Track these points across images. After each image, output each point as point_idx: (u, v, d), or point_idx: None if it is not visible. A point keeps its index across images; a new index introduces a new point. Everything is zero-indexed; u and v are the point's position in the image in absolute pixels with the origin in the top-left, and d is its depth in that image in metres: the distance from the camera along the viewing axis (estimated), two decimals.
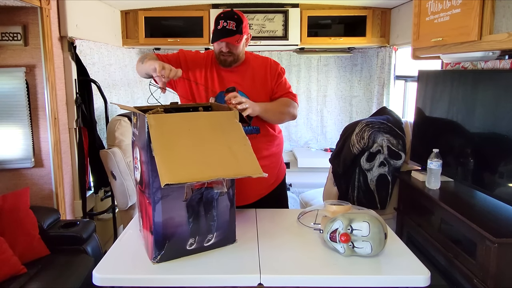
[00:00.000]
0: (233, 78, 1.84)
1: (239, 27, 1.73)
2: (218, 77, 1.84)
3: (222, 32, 1.71)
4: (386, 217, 2.55)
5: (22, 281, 1.79)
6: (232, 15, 1.73)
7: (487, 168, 1.87)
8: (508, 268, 1.54)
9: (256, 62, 1.90)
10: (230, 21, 1.71)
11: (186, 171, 1.20)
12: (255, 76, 1.86)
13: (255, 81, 1.85)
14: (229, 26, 1.71)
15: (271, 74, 1.88)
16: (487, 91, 1.88)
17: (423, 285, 1.26)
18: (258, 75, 1.87)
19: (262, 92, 1.86)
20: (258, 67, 1.88)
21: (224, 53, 1.76)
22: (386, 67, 3.45)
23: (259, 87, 1.85)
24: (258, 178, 1.81)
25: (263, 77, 1.87)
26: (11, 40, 2.22)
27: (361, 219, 1.35)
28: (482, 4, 1.71)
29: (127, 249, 1.46)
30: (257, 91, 1.84)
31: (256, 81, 1.86)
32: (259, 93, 1.84)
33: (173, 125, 1.30)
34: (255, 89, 1.84)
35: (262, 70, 1.88)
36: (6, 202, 1.98)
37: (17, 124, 2.25)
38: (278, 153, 1.99)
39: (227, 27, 1.71)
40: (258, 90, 1.84)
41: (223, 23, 1.71)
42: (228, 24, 1.71)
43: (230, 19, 1.72)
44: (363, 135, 2.39)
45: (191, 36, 3.47)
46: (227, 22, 1.71)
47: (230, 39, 1.72)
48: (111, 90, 3.21)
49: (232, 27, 1.71)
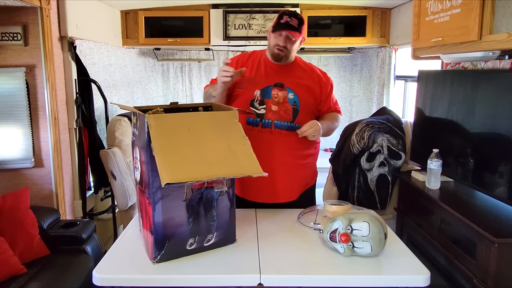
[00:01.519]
0: (281, 75, 1.88)
1: (300, 26, 1.79)
2: (266, 71, 1.89)
3: (286, 25, 1.77)
4: (386, 217, 2.55)
5: (22, 281, 1.79)
6: (296, 15, 1.80)
7: (487, 168, 1.87)
8: (508, 268, 1.54)
9: (307, 67, 1.96)
10: (294, 18, 1.77)
11: (186, 170, 1.20)
12: (304, 79, 1.91)
13: (304, 84, 1.89)
14: (292, 23, 1.77)
15: (323, 85, 1.94)
16: (487, 91, 1.88)
17: (423, 285, 1.26)
18: (308, 80, 1.91)
19: (310, 95, 1.90)
20: (308, 72, 1.94)
21: (280, 46, 1.81)
22: (386, 67, 3.45)
23: (309, 92, 1.89)
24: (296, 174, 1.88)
25: (313, 81, 1.92)
26: (11, 40, 2.22)
27: (361, 219, 1.35)
28: (482, 4, 1.71)
29: (127, 249, 1.46)
30: (307, 95, 1.88)
31: (305, 85, 1.89)
32: (306, 94, 1.88)
33: (173, 125, 1.30)
34: (305, 92, 1.88)
35: (313, 77, 1.93)
36: (6, 202, 1.98)
37: (17, 124, 2.25)
38: (315, 155, 2.01)
39: (291, 23, 1.77)
40: (307, 94, 1.88)
41: (287, 18, 1.77)
42: (292, 20, 1.77)
43: (294, 17, 1.78)
44: (363, 135, 2.39)
45: (191, 36, 3.47)
46: (291, 18, 1.77)
47: (291, 33, 1.78)
48: (111, 90, 3.21)
49: (295, 24, 1.77)
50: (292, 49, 1.84)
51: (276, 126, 1.83)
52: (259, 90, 1.84)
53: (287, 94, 1.85)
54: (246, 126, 1.81)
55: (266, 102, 1.83)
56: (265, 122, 1.83)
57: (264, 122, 1.83)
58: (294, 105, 1.85)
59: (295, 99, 1.85)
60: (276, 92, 1.84)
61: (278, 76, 1.88)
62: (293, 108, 1.84)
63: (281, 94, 1.84)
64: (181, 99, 4.12)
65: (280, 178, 1.84)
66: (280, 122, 1.83)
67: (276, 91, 1.84)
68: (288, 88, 1.85)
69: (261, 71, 1.90)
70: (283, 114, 1.83)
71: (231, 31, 3.42)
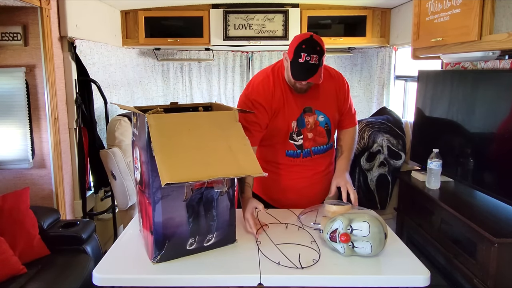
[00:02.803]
0: (307, 98, 1.75)
1: (321, 60, 1.58)
2: (294, 100, 1.74)
3: (306, 70, 1.57)
4: (386, 217, 2.55)
5: (22, 281, 1.78)
6: (314, 47, 1.56)
7: (487, 168, 1.87)
8: (508, 268, 1.54)
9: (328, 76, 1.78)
10: (313, 55, 1.55)
11: (186, 170, 1.20)
12: (325, 90, 1.79)
13: (327, 96, 1.80)
14: (312, 61, 1.56)
15: (339, 89, 1.82)
16: (487, 91, 1.88)
17: (423, 285, 1.26)
18: (328, 88, 1.80)
19: (334, 106, 1.82)
20: (330, 82, 1.80)
21: (303, 85, 1.67)
22: (386, 67, 3.45)
23: (331, 101, 1.81)
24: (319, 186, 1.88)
25: (332, 90, 1.81)
26: (11, 40, 2.22)
27: (361, 219, 1.35)
28: (482, 4, 1.71)
29: (127, 249, 1.46)
30: (331, 105, 1.80)
31: (327, 96, 1.80)
32: (332, 107, 1.81)
33: (173, 125, 1.30)
34: (329, 103, 1.80)
35: (330, 83, 1.80)
36: (6, 202, 1.98)
37: (17, 124, 2.25)
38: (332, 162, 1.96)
39: (310, 62, 1.56)
40: (331, 104, 1.80)
41: (305, 57, 1.55)
42: (311, 58, 1.55)
43: (313, 52, 1.55)
44: (363, 135, 2.39)
45: (191, 36, 3.47)
46: (310, 57, 1.55)
47: (315, 78, 1.59)
48: (111, 90, 3.21)
49: (315, 61, 1.56)
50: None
51: (315, 152, 1.81)
52: (295, 120, 1.75)
53: (318, 118, 1.77)
54: (286, 158, 1.79)
55: (302, 132, 1.77)
56: (305, 152, 1.80)
57: (304, 152, 1.80)
58: (326, 127, 1.80)
59: (326, 121, 1.79)
60: (307, 119, 1.76)
61: (305, 99, 1.75)
62: (326, 129, 1.80)
63: (311, 119, 1.77)
64: (181, 99, 4.12)
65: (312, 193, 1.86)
66: (317, 147, 1.81)
67: (307, 117, 1.76)
68: (316, 110, 1.77)
69: (290, 100, 1.73)
70: (318, 139, 1.79)
71: (231, 31, 3.42)
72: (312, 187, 1.87)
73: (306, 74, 1.59)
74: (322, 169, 1.87)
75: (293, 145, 1.77)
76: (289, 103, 1.74)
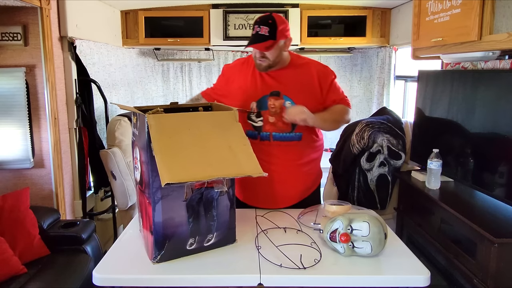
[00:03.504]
0: (276, 82, 1.78)
1: (272, 33, 1.66)
2: (260, 81, 1.79)
3: (254, 38, 1.68)
4: (386, 217, 2.55)
5: (22, 281, 1.79)
6: (266, 20, 1.67)
7: (487, 168, 1.87)
8: (508, 268, 1.54)
9: (301, 64, 1.83)
10: (263, 26, 1.66)
11: (186, 170, 1.20)
12: (301, 80, 1.79)
13: (301, 85, 1.79)
14: (262, 32, 1.66)
15: (323, 81, 1.81)
16: (487, 91, 1.88)
17: (423, 285, 1.26)
18: (305, 79, 1.80)
19: (309, 96, 1.79)
20: (305, 71, 1.81)
21: (259, 57, 1.73)
22: (386, 67, 3.45)
23: (306, 92, 1.79)
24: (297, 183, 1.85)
25: (311, 82, 1.79)
26: (11, 40, 2.22)
27: (361, 219, 1.35)
28: (482, 4, 1.71)
29: (127, 249, 1.45)
30: (303, 95, 1.77)
31: (303, 86, 1.79)
32: (305, 97, 1.77)
33: (173, 125, 1.30)
34: (301, 92, 1.78)
35: (310, 74, 1.80)
36: (6, 202, 1.98)
37: (17, 124, 2.25)
38: (318, 158, 1.95)
39: (260, 33, 1.66)
40: (304, 94, 1.78)
41: (257, 28, 1.67)
42: (261, 29, 1.66)
43: (264, 24, 1.66)
44: (363, 135, 2.39)
45: (191, 36, 3.47)
46: (260, 27, 1.66)
47: (259, 46, 1.67)
48: (111, 90, 3.21)
49: (264, 32, 1.66)
50: (272, 57, 1.72)
51: (275, 138, 1.77)
52: (255, 102, 1.77)
53: (284, 103, 1.75)
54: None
55: (263, 113, 1.76)
56: (263, 135, 1.78)
57: (262, 135, 1.78)
58: None
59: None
60: (272, 102, 1.75)
61: (273, 83, 1.78)
62: None
63: (277, 103, 1.75)
64: (181, 99, 4.12)
65: (279, 189, 1.80)
66: (279, 133, 1.77)
67: (272, 101, 1.76)
68: (284, 96, 1.75)
69: (255, 80, 1.80)
70: (281, 125, 1.76)
71: (231, 31, 3.42)
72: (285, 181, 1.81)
73: (252, 41, 1.68)
74: (290, 157, 1.80)
75: (251, 125, 1.78)
76: (253, 83, 1.79)
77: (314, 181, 1.97)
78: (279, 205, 1.83)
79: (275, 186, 1.79)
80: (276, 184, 1.79)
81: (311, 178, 1.94)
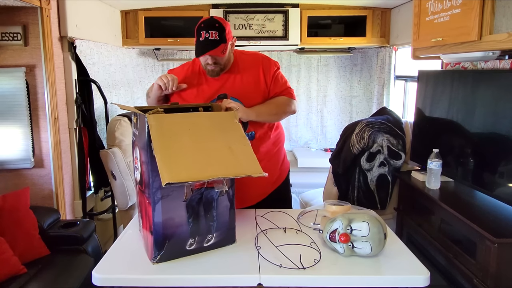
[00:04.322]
0: (223, 85, 1.77)
1: (222, 36, 1.64)
2: (208, 86, 1.78)
3: (206, 44, 1.63)
4: (386, 217, 2.55)
5: (22, 281, 1.79)
6: (213, 24, 1.64)
7: (487, 168, 1.87)
8: (508, 268, 1.54)
9: (246, 62, 1.82)
10: (212, 31, 1.62)
11: (186, 170, 1.20)
12: (246, 78, 1.79)
13: (247, 84, 1.78)
14: (212, 37, 1.62)
15: (266, 72, 1.80)
16: (487, 91, 1.88)
17: (423, 285, 1.26)
18: (250, 75, 1.79)
19: (256, 93, 1.79)
20: (248, 67, 1.81)
21: (211, 64, 1.70)
22: (386, 67, 3.45)
23: (252, 89, 1.78)
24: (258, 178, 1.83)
25: (255, 76, 1.79)
26: (11, 40, 2.22)
27: (361, 219, 1.35)
28: (482, 4, 1.71)
29: (127, 249, 1.45)
30: (251, 93, 1.77)
31: (248, 83, 1.78)
32: (253, 95, 1.77)
33: (173, 125, 1.30)
34: (248, 91, 1.77)
35: (253, 69, 1.80)
36: (6, 202, 1.98)
37: (17, 124, 2.25)
38: (277, 151, 1.93)
39: (210, 38, 1.62)
40: (251, 92, 1.77)
41: (205, 34, 1.62)
42: (211, 34, 1.62)
43: (212, 28, 1.62)
44: (363, 135, 2.39)
45: (191, 36, 3.42)
46: (209, 33, 1.62)
47: (215, 52, 1.64)
48: (111, 90, 3.21)
49: (215, 37, 1.62)
50: (224, 61, 1.72)
51: None
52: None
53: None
54: None
55: None
56: None
57: None
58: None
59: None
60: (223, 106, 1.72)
61: (220, 85, 1.76)
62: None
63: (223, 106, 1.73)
64: None
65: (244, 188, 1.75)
66: None
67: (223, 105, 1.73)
68: (232, 97, 1.73)
69: (202, 85, 1.78)
70: None
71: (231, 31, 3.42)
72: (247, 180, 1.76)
73: (205, 49, 1.63)
74: None
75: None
76: (201, 88, 1.78)
77: (279, 172, 1.95)
78: (247, 204, 1.82)
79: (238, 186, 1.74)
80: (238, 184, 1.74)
81: (274, 170, 1.91)
